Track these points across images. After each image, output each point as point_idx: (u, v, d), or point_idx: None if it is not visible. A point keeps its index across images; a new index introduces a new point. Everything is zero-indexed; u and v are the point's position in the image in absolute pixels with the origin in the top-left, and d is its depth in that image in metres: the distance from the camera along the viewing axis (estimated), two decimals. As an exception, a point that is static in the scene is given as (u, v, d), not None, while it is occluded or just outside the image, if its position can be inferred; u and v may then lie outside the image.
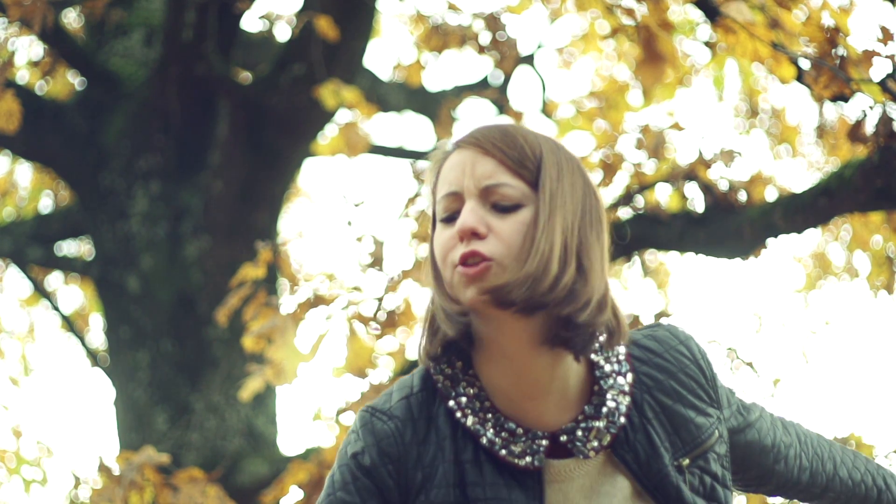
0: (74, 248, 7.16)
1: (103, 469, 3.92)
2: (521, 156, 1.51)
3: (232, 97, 5.32)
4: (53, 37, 5.33)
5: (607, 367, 1.56)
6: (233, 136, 5.36)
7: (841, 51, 3.00)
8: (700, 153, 3.87)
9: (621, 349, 1.58)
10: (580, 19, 7.30)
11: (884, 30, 2.91)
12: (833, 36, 2.99)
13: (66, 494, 6.02)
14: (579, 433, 1.53)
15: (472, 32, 5.93)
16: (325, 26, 4.83)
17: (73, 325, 7.12)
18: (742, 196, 3.74)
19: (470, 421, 1.53)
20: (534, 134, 1.55)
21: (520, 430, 1.53)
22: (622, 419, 1.54)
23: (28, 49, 6.35)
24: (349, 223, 4.15)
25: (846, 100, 3.51)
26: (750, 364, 4.00)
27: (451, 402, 1.54)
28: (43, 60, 6.35)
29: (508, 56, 5.98)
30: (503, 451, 1.52)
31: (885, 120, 2.96)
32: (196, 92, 5.38)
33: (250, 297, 4.19)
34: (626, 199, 3.95)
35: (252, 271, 4.15)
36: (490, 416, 1.54)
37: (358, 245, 4.02)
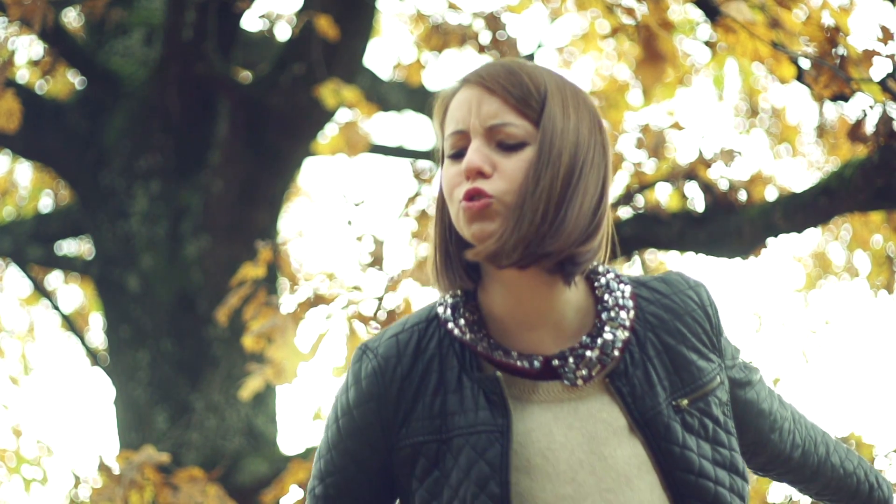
0: (74, 247, 7.16)
1: (103, 468, 3.92)
2: (524, 94, 1.54)
3: (232, 97, 5.32)
4: (53, 36, 5.33)
5: (610, 302, 1.60)
6: (233, 136, 5.35)
7: (841, 50, 2.99)
8: (700, 153, 3.87)
9: (627, 287, 1.62)
10: (580, 19, 7.30)
11: (884, 29, 2.91)
12: (833, 35, 2.99)
13: (66, 494, 6.03)
14: (570, 360, 1.56)
15: (472, 32, 5.92)
16: (325, 26, 4.83)
17: (73, 324, 7.11)
18: (742, 196, 3.74)
19: (468, 337, 1.57)
20: (539, 71, 1.58)
21: (514, 353, 1.57)
22: (616, 352, 1.57)
23: (28, 48, 6.35)
24: (349, 223, 4.14)
25: (846, 99, 3.51)
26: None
27: (451, 324, 1.58)
28: (43, 60, 6.35)
29: (508, 55, 5.97)
30: (499, 356, 1.56)
31: (885, 119, 2.95)
32: (196, 91, 5.38)
33: (250, 297, 4.19)
34: (626, 198, 3.95)
35: (252, 271, 4.15)
36: (486, 339, 1.58)
37: (358, 244, 4.01)
